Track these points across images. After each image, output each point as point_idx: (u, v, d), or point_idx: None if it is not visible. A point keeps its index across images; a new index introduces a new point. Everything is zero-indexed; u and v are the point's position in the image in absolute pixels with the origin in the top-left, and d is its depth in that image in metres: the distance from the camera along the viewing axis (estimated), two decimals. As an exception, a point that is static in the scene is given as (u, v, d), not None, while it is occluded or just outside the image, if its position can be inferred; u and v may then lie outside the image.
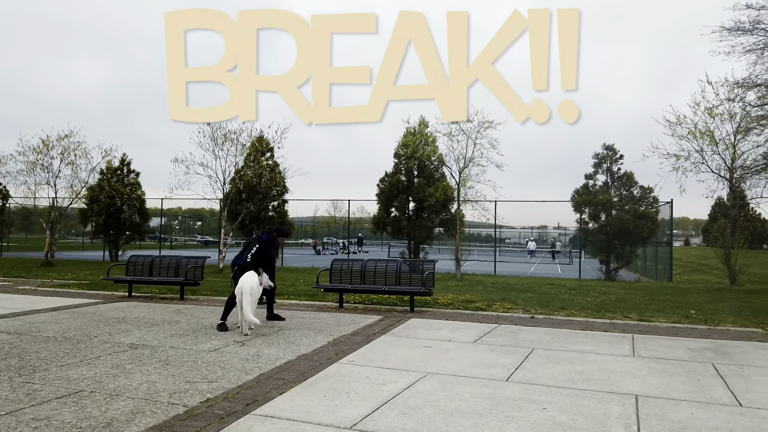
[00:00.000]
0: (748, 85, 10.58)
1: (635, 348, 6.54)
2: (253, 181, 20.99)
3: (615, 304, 10.83)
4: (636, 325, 8.34)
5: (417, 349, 6.36)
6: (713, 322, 8.68)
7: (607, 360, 5.88)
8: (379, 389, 4.66)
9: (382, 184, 23.01)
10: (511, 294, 12.47)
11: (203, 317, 8.71)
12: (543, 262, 37.59)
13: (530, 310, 9.74)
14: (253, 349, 6.33)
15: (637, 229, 21.17)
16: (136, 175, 26.18)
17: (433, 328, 7.86)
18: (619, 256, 22.74)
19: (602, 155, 22.72)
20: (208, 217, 67.96)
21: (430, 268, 9.74)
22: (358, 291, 10.06)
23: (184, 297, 11.24)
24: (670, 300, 11.77)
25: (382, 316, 8.95)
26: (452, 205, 21.69)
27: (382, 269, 9.98)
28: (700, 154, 15.47)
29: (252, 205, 21.96)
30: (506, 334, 7.45)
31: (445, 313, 9.42)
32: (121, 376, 5.04)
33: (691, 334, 7.62)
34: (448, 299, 10.91)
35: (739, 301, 11.75)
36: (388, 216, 23.19)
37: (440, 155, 21.71)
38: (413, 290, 9.43)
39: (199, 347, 6.39)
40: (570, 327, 8.10)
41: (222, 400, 4.36)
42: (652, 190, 22.21)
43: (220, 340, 6.81)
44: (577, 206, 22.69)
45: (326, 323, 8.19)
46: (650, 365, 5.65)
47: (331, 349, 6.35)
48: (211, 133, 18.83)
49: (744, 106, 11.72)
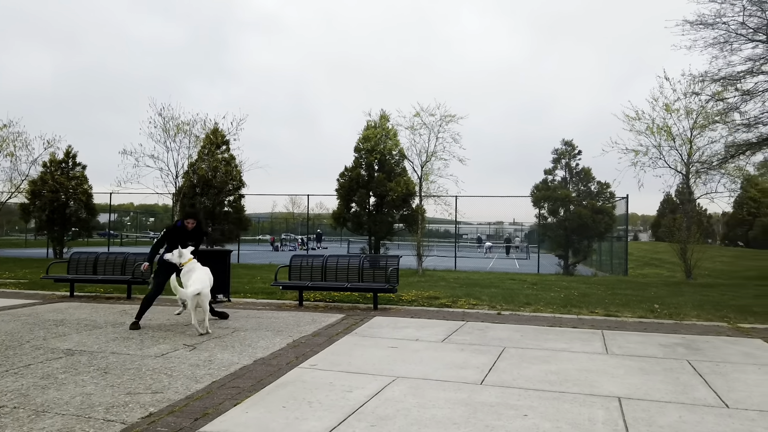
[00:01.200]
0: (712, 79, 10.62)
1: (607, 345, 6.33)
2: (208, 175, 20.18)
3: (579, 299, 10.72)
4: (603, 321, 8.19)
5: (383, 350, 5.97)
6: (678, 316, 8.62)
7: (582, 359, 5.63)
8: (344, 397, 4.25)
9: (342, 179, 22.50)
10: (475, 290, 12.25)
11: (151, 318, 8.08)
12: (500, 257, 37.86)
13: (496, 306, 9.50)
14: (205, 353, 5.81)
15: (595, 224, 21.39)
16: (83, 168, 24.89)
17: (398, 326, 7.49)
18: (576, 251, 22.96)
19: (561, 150, 22.88)
20: (162, 212, 65.87)
21: (394, 263, 9.37)
22: (319, 288, 9.61)
23: (131, 297, 10.53)
24: (631, 294, 11.77)
25: (345, 314, 8.53)
26: (413, 200, 21.42)
27: (344, 265, 9.55)
28: (658, 150, 15.64)
29: (207, 199, 21.13)
30: (474, 332, 7.15)
31: (410, 310, 9.08)
32: (51, 387, 4.46)
33: (659, 329, 7.50)
34: (412, 296, 10.58)
35: (697, 295, 11.85)
36: (349, 211, 22.71)
37: (401, 149, 21.40)
38: (377, 287, 9.04)
39: (145, 352, 5.82)
40: (538, 323, 7.87)
41: (167, 415, 3.86)
42: (609, 186, 22.53)
43: (168, 344, 6.25)
44: (537, 201, 22.79)
45: (285, 323, 7.71)
46: (626, 363, 5.43)
47: (291, 352, 5.89)
48: (163, 123, 17.97)
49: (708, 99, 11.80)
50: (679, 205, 76.73)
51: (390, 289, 9.04)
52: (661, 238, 70.92)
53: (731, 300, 10.97)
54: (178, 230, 7.74)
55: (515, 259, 35.99)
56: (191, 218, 7.81)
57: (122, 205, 61.71)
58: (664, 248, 48.62)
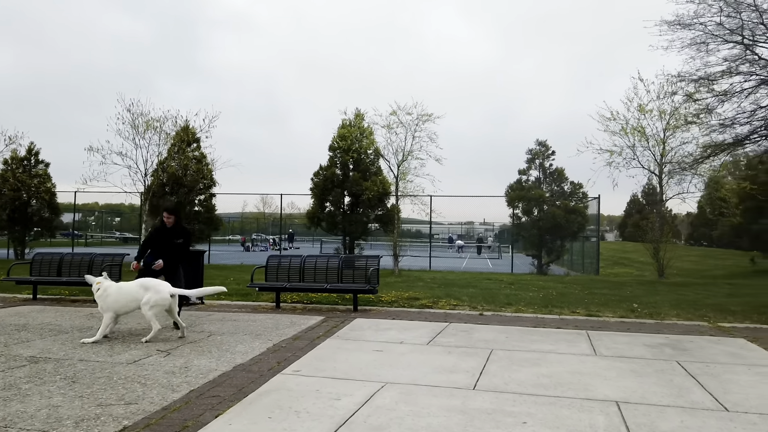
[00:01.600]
0: (689, 79, 10.73)
1: (594, 346, 6.24)
2: (178, 173, 19.62)
3: (558, 299, 10.69)
4: (586, 321, 8.14)
5: (368, 354, 5.76)
6: (659, 316, 8.63)
7: (571, 360, 5.52)
8: (333, 405, 4.02)
9: (317, 178, 22.17)
10: (454, 290, 12.13)
11: (121, 322, 7.69)
12: (473, 257, 37.99)
13: (477, 307, 9.38)
14: (181, 359, 5.51)
15: (569, 224, 21.57)
16: (46, 166, 23.96)
17: (381, 328, 7.28)
18: (549, 251, 23.12)
19: (535, 151, 23.02)
20: (128, 212, 64.28)
21: (374, 264, 9.16)
22: (298, 290, 9.34)
23: (98, 299, 10.07)
24: (609, 294, 11.81)
25: (324, 316, 8.28)
26: (388, 200, 21.25)
27: (323, 266, 9.30)
28: (632, 150, 15.79)
29: (177, 198, 20.55)
30: (459, 333, 6.99)
31: (391, 311, 8.88)
32: (14, 400, 4.12)
33: (642, 329, 7.47)
34: (392, 297, 10.39)
35: (672, 294, 11.97)
36: (323, 211, 22.40)
37: (377, 148, 21.23)
38: (357, 288, 8.82)
39: (115, 359, 5.48)
40: (521, 324, 7.77)
41: (143, 428, 3.58)
42: (582, 186, 22.76)
43: (140, 350, 5.92)
44: (511, 201, 22.87)
45: (263, 326, 7.43)
46: (616, 365, 5.33)
47: (272, 357, 5.63)
48: (132, 120, 17.38)
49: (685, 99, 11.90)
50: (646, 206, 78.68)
51: (370, 290, 8.83)
52: (628, 238, 72.46)
53: (706, 299, 11.09)
54: (159, 230, 7.44)
55: (488, 259, 36.15)
56: (168, 213, 7.42)
57: (87, 204, 59.98)
58: (632, 248, 49.61)
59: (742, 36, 9.98)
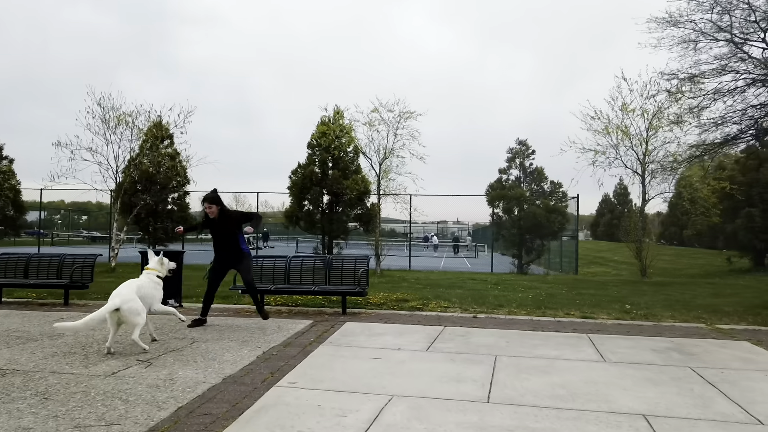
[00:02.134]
0: (678, 77, 10.65)
1: (600, 351, 5.99)
2: (151, 171, 18.92)
3: (548, 300, 10.48)
4: (583, 323, 7.92)
5: (366, 362, 5.40)
6: (654, 317, 8.47)
7: (581, 367, 5.25)
8: (340, 423, 3.66)
9: (295, 176, 21.67)
10: (440, 290, 11.85)
11: (95, 328, 7.18)
12: (449, 256, 37.88)
13: (469, 309, 9.10)
14: (164, 370, 5.06)
15: (549, 223, 21.54)
16: (10, 162, 23.01)
17: (374, 333, 6.93)
18: (529, 250, 23.07)
19: (516, 150, 22.94)
20: (95, 210, 62.50)
21: (364, 265, 8.79)
22: (284, 292, 8.92)
23: (69, 303, 9.49)
24: (596, 294, 11.67)
25: (312, 320, 7.89)
26: (368, 199, 20.89)
27: (309, 266, 8.92)
28: (615, 149, 15.74)
29: (149, 197, 19.85)
30: (456, 338, 6.68)
31: (381, 314, 8.53)
32: (-23, 422, 3.65)
33: (641, 331, 7.28)
34: (380, 298, 10.05)
35: (659, 294, 11.89)
36: (301, 209, 21.92)
37: (356, 146, 20.87)
38: (347, 290, 8.45)
39: (91, 371, 5.01)
40: (518, 327, 7.51)
41: (129, 455, 3.16)
42: (561, 185, 22.78)
43: (118, 360, 5.45)
44: (492, 200, 22.75)
45: (249, 332, 7.00)
46: (629, 372, 5.08)
47: (264, 367, 5.22)
48: (102, 114, 16.62)
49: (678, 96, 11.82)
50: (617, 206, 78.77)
51: (360, 293, 8.47)
52: (600, 237, 73.42)
53: (694, 299, 11.03)
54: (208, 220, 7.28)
55: (465, 258, 36.07)
56: (208, 202, 7.09)
57: (53, 202, 58.09)
58: (606, 247, 50.32)
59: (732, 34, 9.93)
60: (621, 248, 47.28)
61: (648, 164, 15.29)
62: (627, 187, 72.34)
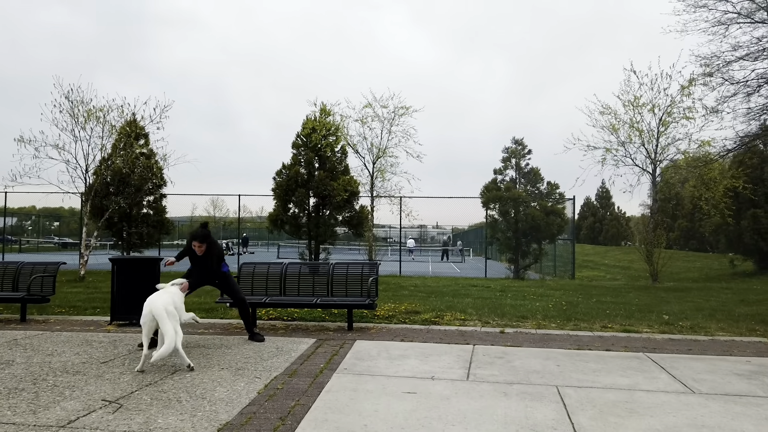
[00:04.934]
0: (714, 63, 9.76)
1: (678, 378, 4.92)
2: (125, 171, 17.48)
3: (572, 309, 9.43)
4: (628, 339, 6.87)
5: (400, 400, 4.24)
6: (703, 330, 7.46)
7: (673, 404, 4.17)
8: None
9: (279, 177, 20.37)
10: (448, 300, 10.74)
11: (54, 352, 5.91)
12: (434, 261, 36.80)
13: (490, 322, 8.00)
14: (137, 416, 3.84)
15: (548, 226, 20.59)
16: (-30, 163, 21.26)
17: (393, 356, 5.77)
18: (524, 254, 22.09)
19: (512, 149, 21.99)
20: (67, 216, 60.23)
21: (373, 273, 7.62)
22: (280, 305, 7.68)
23: (26, 319, 8.15)
24: (618, 302, 10.68)
25: (315, 338, 6.70)
26: (357, 201, 19.75)
27: (309, 275, 7.72)
28: (624, 147, 14.86)
29: (122, 199, 18.39)
30: (495, 361, 5.57)
31: (393, 330, 7.38)
32: None
33: (704, 349, 6.26)
34: (387, 310, 8.88)
35: (684, 302, 10.95)
36: (286, 213, 20.63)
37: (344, 146, 19.77)
38: (354, 302, 7.27)
39: (40, 418, 3.77)
40: (557, 344, 6.43)
41: None
42: (558, 186, 21.86)
43: (77, 400, 4.20)
44: (486, 202, 21.73)
45: (243, 355, 5.79)
46: (736, 410, 4.02)
47: (270, 410, 4.03)
48: (71, 108, 15.17)
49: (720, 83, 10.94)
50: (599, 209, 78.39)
51: (370, 305, 7.27)
52: (582, 240, 73.16)
53: (724, 306, 10.10)
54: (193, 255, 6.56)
55: (452, 263, 35.03)
56: (198, 241, 6.36)
57: (23, 208, 55.78)
58: (592, 250, 49.88)
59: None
60: (609, 251, 47.08)
61: (659, 161, 14.45)
62: (609, 190, 72.42)
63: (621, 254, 41.52)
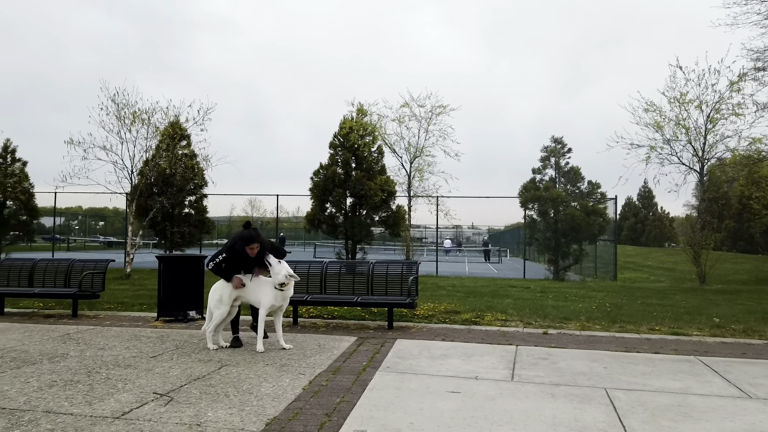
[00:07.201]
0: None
1: (733, 383, 4.75)
2: (167, 172, 17.94)
3: (616, 311, 9.22)
4: (677, 341, 6.67)
5: (445, 399, 4.22)
6: (758, 334, 7.19)
7: (729, 409, 4.03)
8: None
9: (317, 177, 20.55)
10: (487, 300, 10.64)
11: (105, 346, 6.11)
12: (470, 261, 36.53)
13: (532, 323, 7.88)
14: (188, 409, 3.93)
15: (588, 226, 20.18)
16: (23, 165, 22.15)
17: (435, 355, 5.75)
18: (564, 255, 21.69)
19: (551, 148, 21.63)
20: (112, 215, 62.20)
21: (413, 272, 7.62)
22: (320, 303, 7.76)
23: (77, 314, 8.45)
24: (664, 304, 10.37)
25: (356, 336, 6.73)
26: (393, 201, 19.76)
27: (349, 274, 7.76)
28: (670, 145, 14.43)
29: (165, 199, 18.87)
30: (540, 362, 5.48)
31: (433, 329, 7.35)
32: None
33: (759, 353, 6.03)
34: (426, 310, 8.86)
35: (735, 305, 10.56)
36: (323, 212, 20.79)
37: (381, 146, 19.82)
38: (395, 301, 7.28)
39: (96, 409, 3.89)
40: (603, 346, 6.29)
41: None
42: (600, 186, 21.41)
43: (130, 392, 4.32)
44: (525, 202, 21.43)
45: (286, 351, 5.87)
46: (797, 415, 3.85)
47: (316, 405, 4.06)
48: (117, 110, 15.66)
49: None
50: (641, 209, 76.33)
51: (410, 304, 7.27)
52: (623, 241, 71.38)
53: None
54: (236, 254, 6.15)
55: (489, 264, 34.71)
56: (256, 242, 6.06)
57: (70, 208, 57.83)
58: (633, 251, 48.63)
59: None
60: (652, 253, 45.79)
61: (707, 159, 13.97)
62: (651, 190, 70.33)
63: (665, 256, 40.34)
